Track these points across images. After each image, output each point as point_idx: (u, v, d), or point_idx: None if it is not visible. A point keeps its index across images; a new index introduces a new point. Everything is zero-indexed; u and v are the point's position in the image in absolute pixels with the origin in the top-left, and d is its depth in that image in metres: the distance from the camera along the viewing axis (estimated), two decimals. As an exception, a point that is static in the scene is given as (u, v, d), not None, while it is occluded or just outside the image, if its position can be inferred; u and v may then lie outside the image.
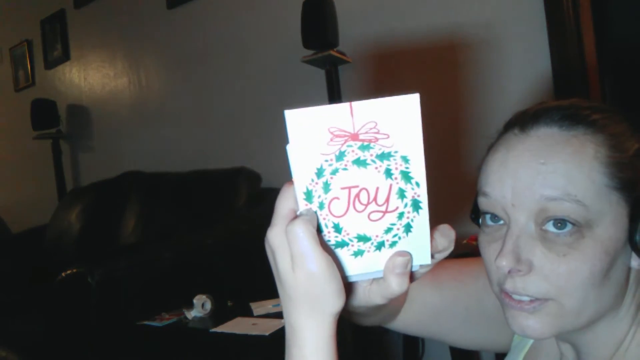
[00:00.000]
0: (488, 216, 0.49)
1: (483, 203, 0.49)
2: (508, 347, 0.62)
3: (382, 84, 1.97)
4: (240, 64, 2.39)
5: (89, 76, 3.12)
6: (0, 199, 3.81)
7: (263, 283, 1.88)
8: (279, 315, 1.34)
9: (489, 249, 0.48)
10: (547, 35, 1.60)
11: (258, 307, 1.43)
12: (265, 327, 1.23)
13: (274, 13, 2.25)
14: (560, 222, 0.43)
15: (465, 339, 0.66)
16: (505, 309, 0.47)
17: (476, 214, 0.53)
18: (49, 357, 1.44)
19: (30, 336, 1.64)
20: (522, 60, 1.66)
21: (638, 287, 0.48)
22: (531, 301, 0.45)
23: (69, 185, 3.17)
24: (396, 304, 0.59)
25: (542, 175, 0.43)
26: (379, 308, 0.47)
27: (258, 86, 2.33)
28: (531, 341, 0.59)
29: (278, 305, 1.43)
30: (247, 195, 2.06)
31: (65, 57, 3.23)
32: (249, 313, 1.39)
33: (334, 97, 1.93)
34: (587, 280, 0.43)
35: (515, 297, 0.46)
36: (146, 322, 1.39)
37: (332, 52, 1.89)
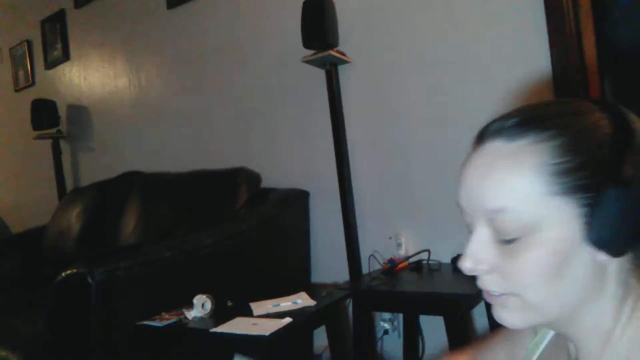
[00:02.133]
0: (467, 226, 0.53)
1: (459, 210, 0.53)
2: None
3: (382, 84, 1.97)
4: (240, 64, 2.39)
5: (89, 76, 3.12)
6: (0, 199, 3.81)
7: (263, 283, 1.89)
8: (279, 315, 1.34)
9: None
10: (547, 36, 1.60)
11: (258, 307, 1.43)
12: (265, 327, 1.23)
13: (274, 13, 2.25)
14: (509, 239, 0.47)
15: None
16: (486, 300, 0.52)
17: None
18: (49, 357, 1.44)
19: (30, 336, 1.64)
20: (522, 61, 1.66)
21: (620, 281, 0.49)
22: (499, 295, 0.50)
23: (69, 185, 3.17)
24: None
25: (484, 189, 0.48)
26: None
27: (258, 86, 2.33)
28: (544, 344, 0.62)
29: (278, 305, 1.44)
30: (247, 195, 2.06)
31: (65, 57, 3.23)
32: (249, 313, 1.39)
33: (334, 97, 1.94)
34: (538, 277, 0.46)
35: (490, 292, 0.50)
36: (146, 322, 1.39)
37: (332, 52, 1.89)
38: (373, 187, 2.00)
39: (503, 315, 0.50)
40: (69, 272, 1.37)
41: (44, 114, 3.03)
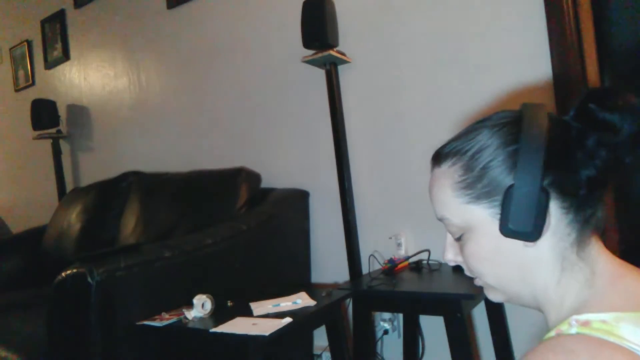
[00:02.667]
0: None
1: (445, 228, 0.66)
2: None
3: (382, 84, 1.97)
4: (240, 64, 2.39)
5: (89, 76, 3.12)
6: (0, 199, 3.81)
7: (263, 283, 1.88)
8: (279, 315, 1.34)
9: None
10: (547, 36, 1.60)
11: (258, 307, 1.43)
12: (265, 327, 1.23)
13: (274, 13, 2.25)
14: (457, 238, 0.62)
15: None
16: None
17: None
18: (49, 357, 1.44)
19: (30, 336, 1.64)
20: (522, 61, 1.66)
21: (558, 256, 0.56)
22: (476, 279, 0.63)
23: (69, 185, 3.17)
24: None
25: (432, 204, 0.63)
26: None
27: (258, 86, 2.33)
28: None
29: (278, 305, 1.44)
30: (247, 195, 2.06)
31: (65, 57, 3.23)
32: (249, 313, 1.39)
33: (334, 97, 1.94)
34: (479, 265, 0.60)
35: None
36: (146, 322, 1.39)
37: (332, 52, 1.89)
38: (373, 187, 2.00)
39: (489, 294, 0.63)
40: (69, 272, 1.37)
41: (44, 114, 3.03)
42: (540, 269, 0.57)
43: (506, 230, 0.54)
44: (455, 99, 1.79)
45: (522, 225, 0.53)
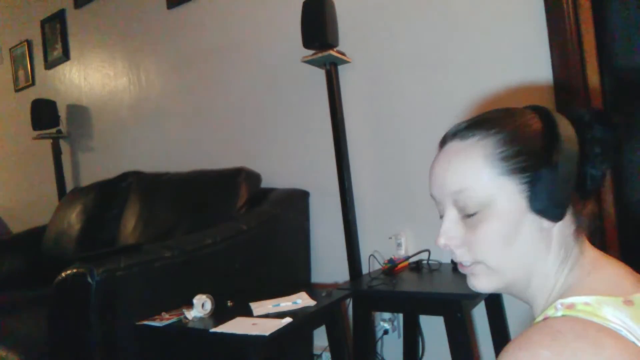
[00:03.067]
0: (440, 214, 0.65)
1: (438, 210, 0.65)
2: None
3: (382, 84, 1.97)
4: (240, 64, 2.39)
5: (89, 76, 3.12)
6: (0, 199, 3.81)
7: (263, 283, 1.88)
8: (279, 315, 1.34)
9: None
10: (547, 36, 1.60)
11: (258, 307, 1.43)
12: (265, 327, 1.23)
13: (274, 13, 2.25)
14: (470, 214, 0.60)
15: None
16: (462, 272, 0.64)
17: None
18: (49, 357, 1.44)
19: (30, 336, 1.64)
20: (522, 61, 1.66)
21: (561, 243, 0.59)
22: (469, 265, 0.62)
23: (69, 185, 3.17)
24: None
25: (447, 177, 0.61)
26: None
27: (258, 86, 2.33)
28: None
29: (278, 305, 1.44)
30: (247, 195, 2.06)
31: (65, 57, 3.23)
32: (249, 313, 1.39)
33: (334, 97, 1.94)
34: (495, 244, 0.58)
35: (462, 262, 0.62)
36: (146, 322, 1.39)
37: (332, 52, 1.89)
38: (373, 187, 2.00)
39: (473, 282, 0.62)
40: (69, 272, 1.37)
41: (44, 114, 3.03)
42: (547, 255, 0.59)
43: (539, 205, 0.56)
44: (455, 99, 1.79)
45: (555, 202, 0.56)
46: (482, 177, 0.58)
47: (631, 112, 1.90)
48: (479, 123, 0.62)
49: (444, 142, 0.65)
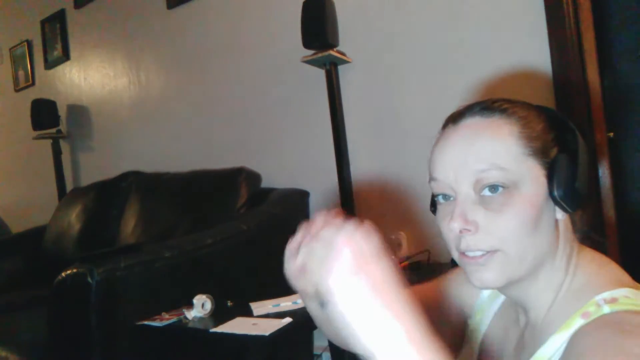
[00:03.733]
0: (440, 196, 0.60)
1: (434, 187, 0.60)
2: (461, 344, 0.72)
3: (382, 84, 1.97)
4: (240, 64, 2.39)
5: (89, 76, 3.12)
6: (0, 199, 3.81)
7: (263, 283, 1.88)
8: (279, 315, 1.34)
9: (445, 222, 0.58)
10: (547, 36, 1.60)
11: (258, 307, 1.43)
12: (265, 327, 1.23)
13: (274, 13, 2.25)
14: (493, 187, 0.54)
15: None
16: (465, 268, 0.58)
17: (434, 206, 0.62)
18: (49, 357, 1.44)
19: (30, 336, 1.64)
20: (522, 61, 1.66)
21: (567, 239, 0.59)
22: (482, 255, 0.55)
23: (69, 185, 3.17)
24: None
25: (472, 153, 0.55)
26: None
27: (258, 86, 2.33)
28: (484, 330, 0.69)
29: (278, 305, 1.43)
30: (247, 195, 2.06)
31: (65, 57, 3.23)
32: (249, 313, 1.39)
33: (334, 97, 1.94)
34: (520, 228, 0.54)
35: (470, 254, 0.56)
36: (146, 322, 1.39)
37: (332, 52, 1.89)
38: (373, 187, 2.00)
39: (485, 276, 0.55)
40: (69, 272, 1.37)
41: (44, 114, 3.02)
42: (557, 248, 0.58)
43: (560, 191, 0.54)
44: (455, 99, 1.79)
45: (575, 190, 0.54)
46: (512, 155, 0.55)
47: (631, 111, 1.90)
48: (496, 104, 0.59)
49: (456, 119, 0.60)
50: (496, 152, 0.55)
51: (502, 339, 0.66)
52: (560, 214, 0.57)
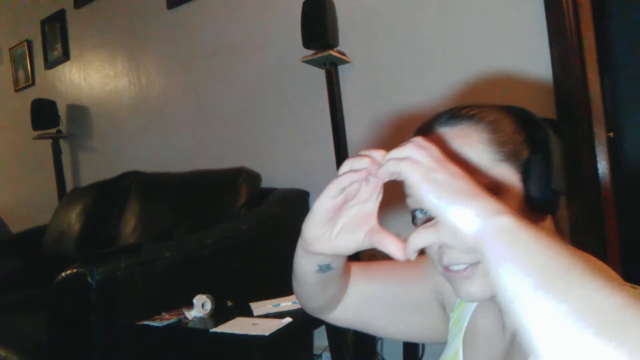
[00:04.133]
0: (417, 211, 0.60)
1: (410, 203, 0.59)
2: (445, 337, 0.71)
3: (382, 84, 1.97)
4: (240, 64, 2.39)
5: (89, 76, 3.12)
6: (0, 199, 3.81)
7: (263, 283, 1.88)
8: (279, 315, 1.34)
9: None
10: (547, 36, 1.60)
11: (258, 307, 1.43)
12: (265, 327, 1.23)
13: (274, 13, 2.25)
14: None
15: (400, 329, 0.74)
16: (450, 282, 0.56)
17: (414, 220, 0.62)
18: (49, 357, 1.44)
19: (30, 336, 1.64)
20: (522, 61, 1.66)
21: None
22: (465, 268, 0.53)
23: (69, 185, 3.17)
24: (342, 282, 0.71)
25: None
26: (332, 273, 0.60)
27: (258, 86, 2.33)
28: (465, 325, 0.68)
29: (278, 305, 1.44)
30: (247, 195, 2.06)
31: (65, 57, 3.23)
32: (249, 313, 1.39)
33: (334, 97, 1.94)
34: None
35: (453, 268, 0.54)
36: (146, 322, 1.39)
37: (332, 52, 1.89)
38: (373, 187, 2.00)
39: (470, 288, 0.53)
40: (69, 272, 1.37)
41: (44, 114, 3.02)
42: None
43: (534, 195, 0.53)
44: (455, 99, 1.79)
45: (551, 192, 0.53)
46: (484, 163, 0.54)
47: (631, 111, 1.90)
48: (462, 112, 0.58)
49: (425, 130, 0.60)
50: (467, 163, 0.53)
51: (488, 337, 0.65)
52: (537, 216, 0.56)
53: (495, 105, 0.59)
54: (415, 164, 0.43)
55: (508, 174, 0.54)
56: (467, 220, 0.40)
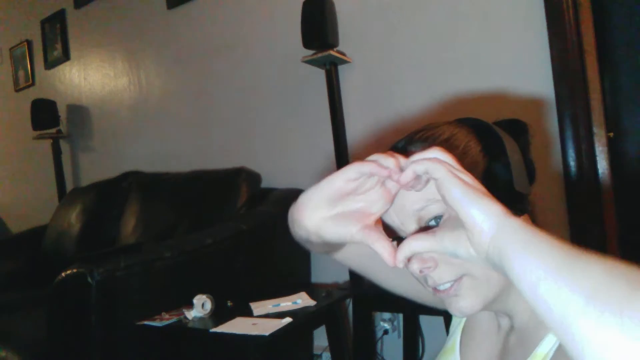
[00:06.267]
0: (395, 242, 0.56)
1: (422, 215, 0.57)
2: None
3: (382, 84, 1.97)
4: (240, 64, 2.39)
5: (89, 76, 3.12)
6: (0, 199, 3.81)
7: (263, 283, 1.88)
8: (279, 315, 1.34)
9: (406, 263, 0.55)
10: (547, 36, 1.60)
11: (258, 307, 1.43)
12: (265, 327, 1.23)
13: (274, 13, 2.25)
14: (436, 218, 0.53)
15: (400, 284, 0.73)
16: (443, 301, 0.56)
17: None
18: (49, 358, 1.44)
19: (30, 336, 1.64)
20: (522, 60, 1.66)
21: None
22: (451, 286, 0.54)
23: (69, 185, 3.17)
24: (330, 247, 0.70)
25: (406, 196, 0.54)
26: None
27: (258, 86, 2.33)
28: (464, 320, 0.70)
29: (278, 305, 1.44)
30: (247, 195, 2.06)
31: (65, 57, 3.23)
32: (249, 313, 1.39)
33: (334, 97, 1.94)
34: None
35: (440, 287, 0.54)
36: (146, 322, 1.39)
37: (332, 52, 1.89)
38: (373, 187, 2.00)
39: (460, 304, 0.54)
40: (69, 272, 1.37)
41: (44, 114, 3.02)
42: None
43: (503, 201, 0.52)
44: (455, 99, 1.79)
45: (514, 196, 0.54)
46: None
47: (631, 111, 1.90)
48: (418, 134, 0.59)
49: (400, 152, 0.62)
50: (426, 187, 0.52)
51: (485, 333, 0.67)
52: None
53: (449, 122, 0.61)
54: (441, 162, 0.45)
55: None
56: (488, 216, 0.42)
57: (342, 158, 1.94)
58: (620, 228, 1.67)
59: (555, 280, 0.36)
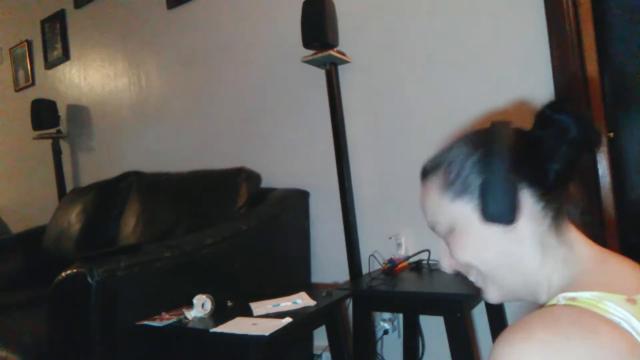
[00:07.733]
0: None
1: None
2: None
3: (382, 84, 1.97)
4: (240, 64, 2.39)
5: (89, 76, 3.12)
6: (0, 199, 3.81)
7: (263, 283, 1.88)
8: (279, 315, 1.34)
9: None
10: (547, 36, 1.60)
11: (258, 307, 1.43)
12: (265, 327, 1.23)
13: (274, 13, 2.25)
14: (445, 235, 0.67)
15: None
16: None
17: None
18: (49, 358, 1.44)
19: (30, 336, 1.64)
20: (522, 61, 1.66)
21: (535, 242, 0.62)
22: (475, 281, 0.67)
23: (69, 185, 3.17)
24: None
25: (425, 216, 0.69)
26: None
27: (258, 86, 2.33)
28: None
29: (278, 305, 1.44)
30: (247, 195, 2.06)
31: (65, 57, 3.23)
32: (249, 313, 1.39)
33: (334, 97, 1.94)
34: (472, 254, 0.63)
35: (474, 283, 0.67)
36: (146, 322, 1.39)
37: (332, 52, 1.89)
38: (373, 187, 2.00)
39: (486, 295, 0.66)
40: (69, 272, 1.37)
41: (44, 114, 3.03)
42: (523, 254, 0.61)
43: (486, 215, 0.60)
44: (455, 98, 1.79)
45: (497, 209, 0.59)
46: (440, 207, 0.65)
47: (631, 111, 1.90)
48: (433, 159, 0.68)
49: (421, 179, 0.72)
50: (431, 211, 0.67)
51: None
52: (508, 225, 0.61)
53: (458, 140, 0.68)
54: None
55: (463, 208, 0.63)
56: None
57: (342, 158, 1.94)
58: (621, 228, 1.67)
59: None
